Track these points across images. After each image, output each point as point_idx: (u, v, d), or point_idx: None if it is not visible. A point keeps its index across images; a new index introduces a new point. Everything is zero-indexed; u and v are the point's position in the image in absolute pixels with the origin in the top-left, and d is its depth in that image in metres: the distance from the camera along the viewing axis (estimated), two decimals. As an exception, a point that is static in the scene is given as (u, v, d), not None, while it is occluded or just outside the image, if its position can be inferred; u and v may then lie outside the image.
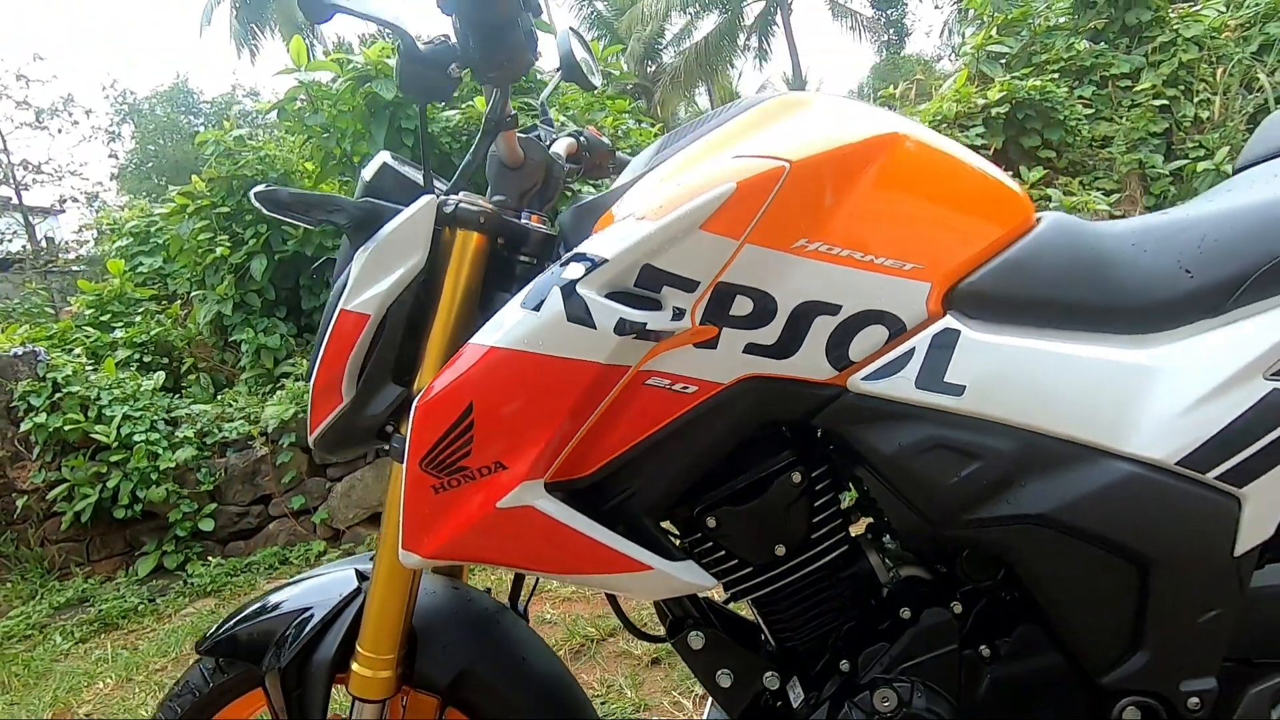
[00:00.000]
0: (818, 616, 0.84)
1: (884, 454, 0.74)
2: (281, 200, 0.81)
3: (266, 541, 3.78)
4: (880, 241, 0.73)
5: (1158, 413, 0.71)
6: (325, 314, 0.85)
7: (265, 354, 4.48)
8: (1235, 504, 0.71)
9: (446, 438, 0.72)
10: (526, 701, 0.90)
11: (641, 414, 0.74)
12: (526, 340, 0.69)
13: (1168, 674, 0.73)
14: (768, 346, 0.73)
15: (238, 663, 0.94)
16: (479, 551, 0.75)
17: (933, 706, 0.76)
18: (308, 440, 0.92)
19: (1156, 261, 0.76)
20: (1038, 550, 0.73)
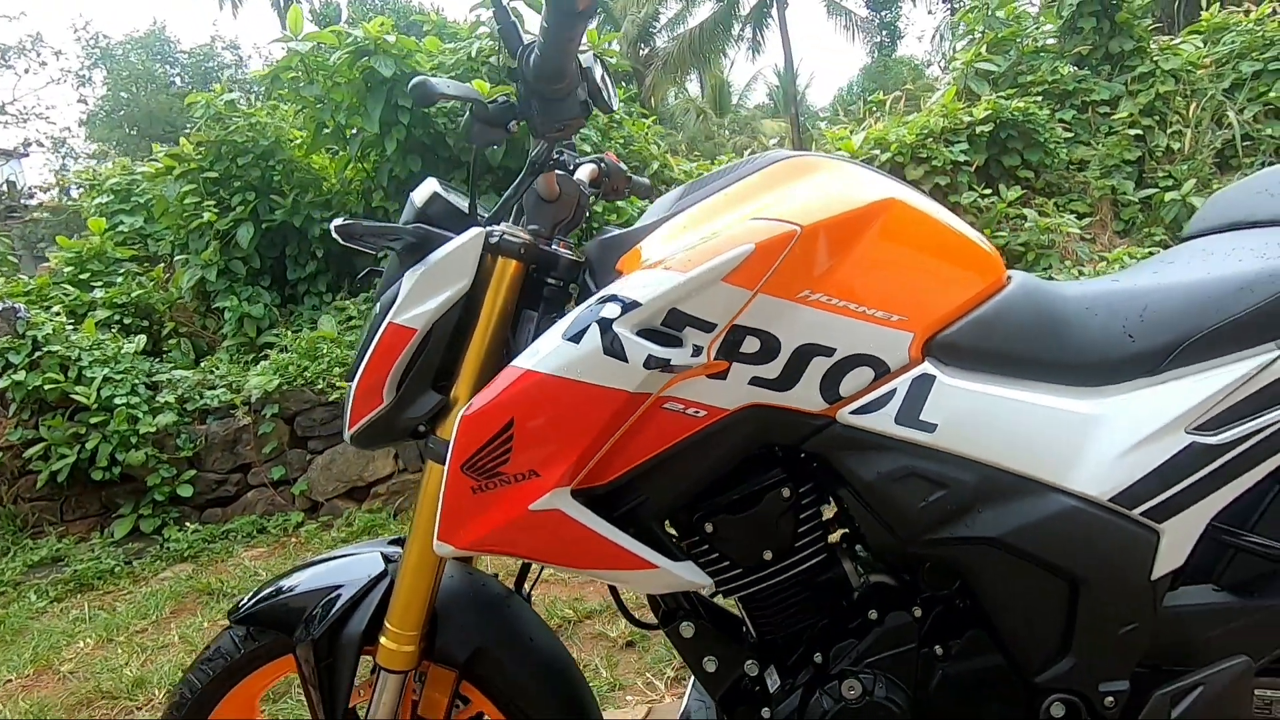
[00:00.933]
0: (796, 614, 0.96)
1: (864, 479, 0.85)
2: (357, 233, 0.89)
3: (244, 510, 3.82)
4: (872, 295, 0.84)
5: (1097, 455, 0.84)
6: (371, 325, 0.94)
7: (248, 323, 4.48)
8: (1155, 536, 0.84)
9: (487, 447, 0.81)
10: (533, 677, 1.01)
11: (657, 433, 0.84)
12: (566, 368, 0.79)
13: (1089, 676, 0.86)
14: (770, 380, 0.84)
15: (268, 632, 1.03)
16: (507, 546, 0.85)
17: (892, 696, 0.88)
18: (344, 434, 1.01)
19: (1105, 325, 0.88)
20: (988, 568, 0.86)
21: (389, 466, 3.86)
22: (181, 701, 1.04)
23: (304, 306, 4.75)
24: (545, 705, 1.00)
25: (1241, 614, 0.89)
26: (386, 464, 3.85)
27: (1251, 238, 0.92)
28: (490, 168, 4.48)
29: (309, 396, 3.83)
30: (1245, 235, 0.94)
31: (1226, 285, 0.85)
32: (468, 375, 0.91)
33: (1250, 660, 0.86)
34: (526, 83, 0.82)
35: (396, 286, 0.91)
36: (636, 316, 0.78)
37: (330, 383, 3.79)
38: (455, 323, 0.90)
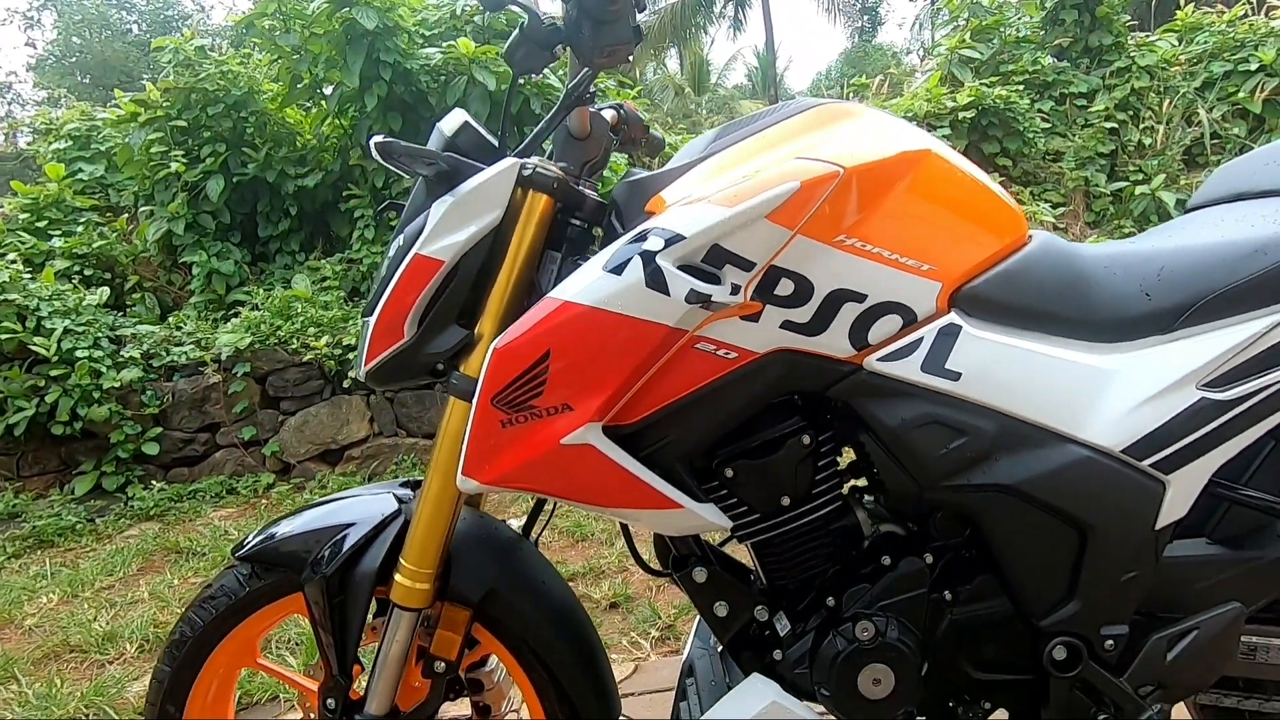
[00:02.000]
0: (809, 560, 0.98)
1: (888, 425, 0.86)
2: (395, 151, 0.86)
3: (212, 470, 3.74)
4: (904, 243, 0.85)
5: (1111, 408, 0.87)
6: (394, 257, 0.91)
7: (217, 279, 4.35)
8: (1161, 487, 0.87)
9: (520, 379, 0.80)
10: (545, 619, 1.01)
11: (687, 373, 0.84)
12: (607, 300, 0.78)
13: (1092, 620, 0.90)
14: (801, 324, 0.84)
15: (275, 570, 1.01)
16: (533, 482, 0.84)
17: (904, 638, 0.91)
18: (358, 371, 0.99)
19: (1123, 283, 0.90)
20: (1002, 514, 0.88)
21: (363, 429, 3.81)
22: (181, 640, 1.02)
23: (275, 265, 4.62)
24: (556, 647, 1.01)
25: (1233, 565, 0.93)
26: (361, 427, 3.80)
27: (1261, 206, 0.95)
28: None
29: (282, 356, 3.75)
30: (1254, 204, 0.97)
31: (1240, 248, 0.88)
32: (493, 311, 0.89)
33: (1242, 607, 0.91)
34: (580, 3, 0.80)
35: (424, 217, 0.88)
36: (680, 250, 0.78)
37: (305, 343, 3.71)
38: (484, 257, 0.88)
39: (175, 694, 1.03)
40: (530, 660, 1.03)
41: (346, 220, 4.62)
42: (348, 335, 3.69)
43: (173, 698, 1.03)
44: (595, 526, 2.74)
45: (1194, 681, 0.92)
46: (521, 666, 1.03)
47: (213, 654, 1.03)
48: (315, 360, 3.69)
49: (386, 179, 4.46)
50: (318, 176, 4.52)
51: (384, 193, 4.48)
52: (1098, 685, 0.91)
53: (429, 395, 3.83)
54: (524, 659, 1.03)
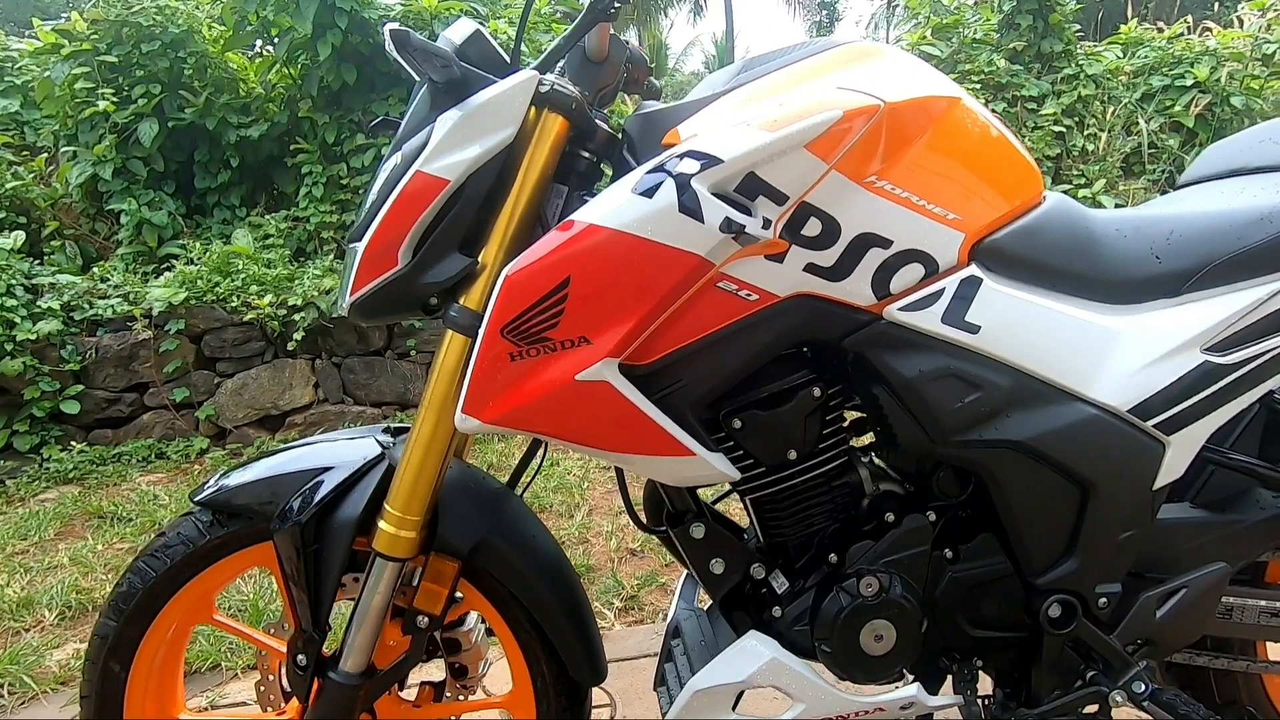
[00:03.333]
0: (810, 517, 0.96)
1: (905, 377, 0.85)
2: (410, 43, 0.78)
3: (139, 433, 3.50)
4: (932, 190, 0.82)
5: (1119, 368, 0.87)
6: (389, 176, 0.84)
7: (148, 230, 4.06)
8: (1161, 448, 0.88)
9: (535, 308, 0.75)
10: (534, 573, 0.96)
11: (706, 313, 0.80)
12: (636, 224, 0.73)
13: (1088, 578, 0.91)
14: (824, 268, 0.81)
15: (239, 518, 0.92)
16: (538, 421, 0.79)
17: (906, 594, 0.90)
18: (340, 303, 0.91)
19: (1133, 246, 0.91)
20: (1010, 470, 0.88)
21: (307, 395, 3.63)
22: (130, 592, 0.93)
23: (213, 219, 4.35)
24: (546, 603, 0.96)
25: (1218, 527, 0.96)
26: (304, 393, 3.63)
27: (1259, 180, 0.97)
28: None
29: (220, 314, 3.53)
30: (1252, 178, 0.99)
31: (1246, 215, 0.90)
32: (499, 238, 0.83)
33: (1228, 567, 0.93)
34: None
35: (427, 131, 0.81)
36: (716, 175, 0.74)
37: (246, 301, 3.50)
38: (493, 179, 0.81)
39: (120, 651, 0.94)
40: (517, 617, 0.98)
41: (292, 176, 4.38)
42: (293, 295, 3.50)
43: (117, 654, 0.93)
44: (554, 498, 2.68)
45: (1179, 639, 0.95)
46: (507, 623, 0.98)
47: (165, 608, 0.94)
48: (257, 320, 3.49)
49: (338, 135, 4.25)
50: (263, 127, 4.26)
51: (335, 149, 4.26)
52: (1089, 642, 0.92)
53: (378, 362, 3.68)
54: (510, 616, 0.98)
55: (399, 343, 3.70)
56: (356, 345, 3.67)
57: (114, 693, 0.94)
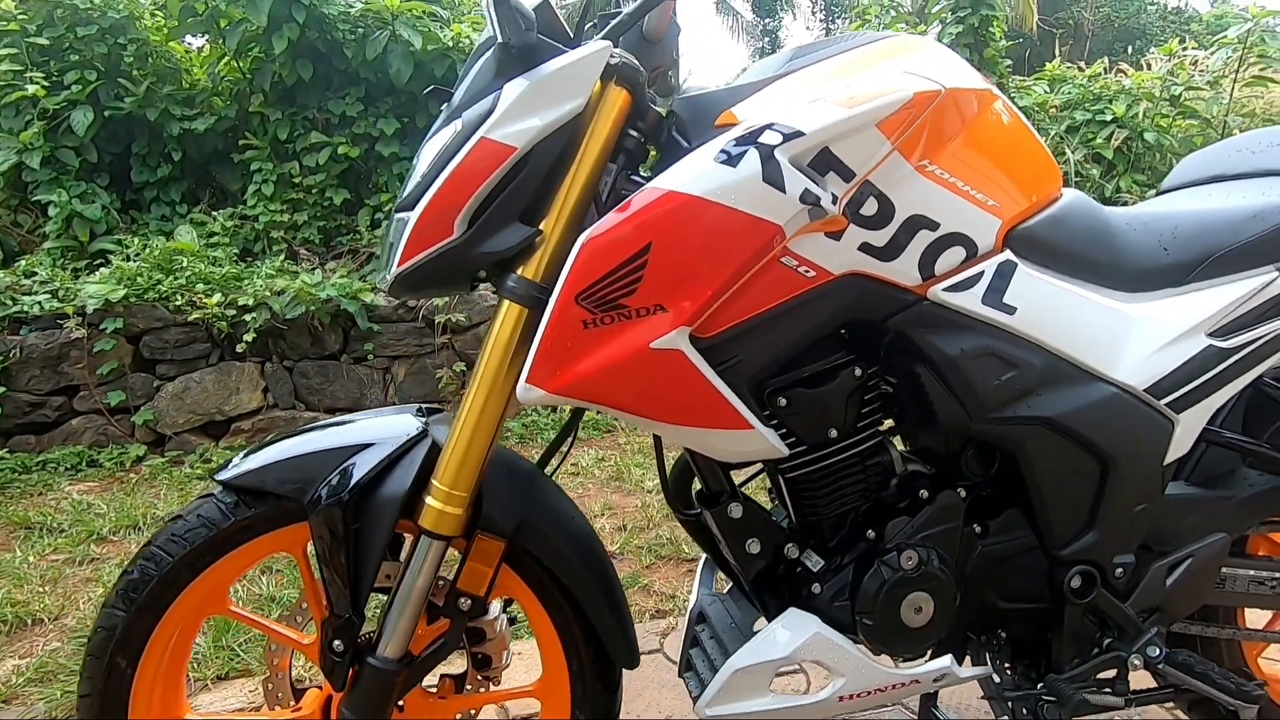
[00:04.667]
0: (845, 496, 0.98)
1: (948, 355, 0.88)
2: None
3: (67, 439, 3.25)
4: (975, 177, 0.87)
5: (1135, 351, 0.93)
6: (448, 143, 0.82)
7: (79, 224, 3.81)
8: (1171, 425, 0.95)
9: (614, 274, 0.74)
10: (571, 552, 0.94)
11: (769, 287, 0.82)
12: (719, 192, 0.74)
13: (1107, 550, 0.96)
14: (877, 248, 0.84)
15: (266, 499, 0.88)
16: (603, 392, 0.78)
17: (943, 567, 0.93)
18: (383, 277, 0.88)
19: (1143, 239, 0.98)
20: (1039, 446, 0.92)
21: (255, 400, 3.46)
22: (142, 580, 0.86)
23: (150, 215, 4.12)
24: (586, 583, 0.95)
25: (1214, 502, 1.03)
26: (253, 397, 3.45)
27: (1241, 184, 1.07)
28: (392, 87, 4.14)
29: (162, 314, 3.33)
30: (1235, 184, 1.08)
31: (1240, 213, 0.98)
32: (564, 208, 0.82)
33: (1228, 537, 1.01)
34: None
35: (492, 99, 0.80)
36: (796, 147, 0.75)
37: (191, 300, 3.32)
38: (560, 149, 0.81)
39: (129, 644, 0.87)
40: (555, 599, 0.96)
41: (239, 173, 4.20)
42: (244, 295, 3.34)
43: (125, 648, 0.87)
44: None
45: (1185, 606, 1.01)
46: (544, 606, 0.97)
47: (180, 597, 0.88)
48: (203, 320, 3.31)
49: (291, 132, 4.11)
50: (209, 121, 4.08)
51: (287, 146, 4.12)
52: (1107, 611, 0.97)
53: (333, 366, 3.55)
54: (548, 598, 0.96)
55: (355, 346, 3.57)
56: (310, 348, 3.53)
57: (119, 691, 0.87)
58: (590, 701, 0.99)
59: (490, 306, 3.69)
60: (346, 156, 4.04)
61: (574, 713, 0.99)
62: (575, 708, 0.99)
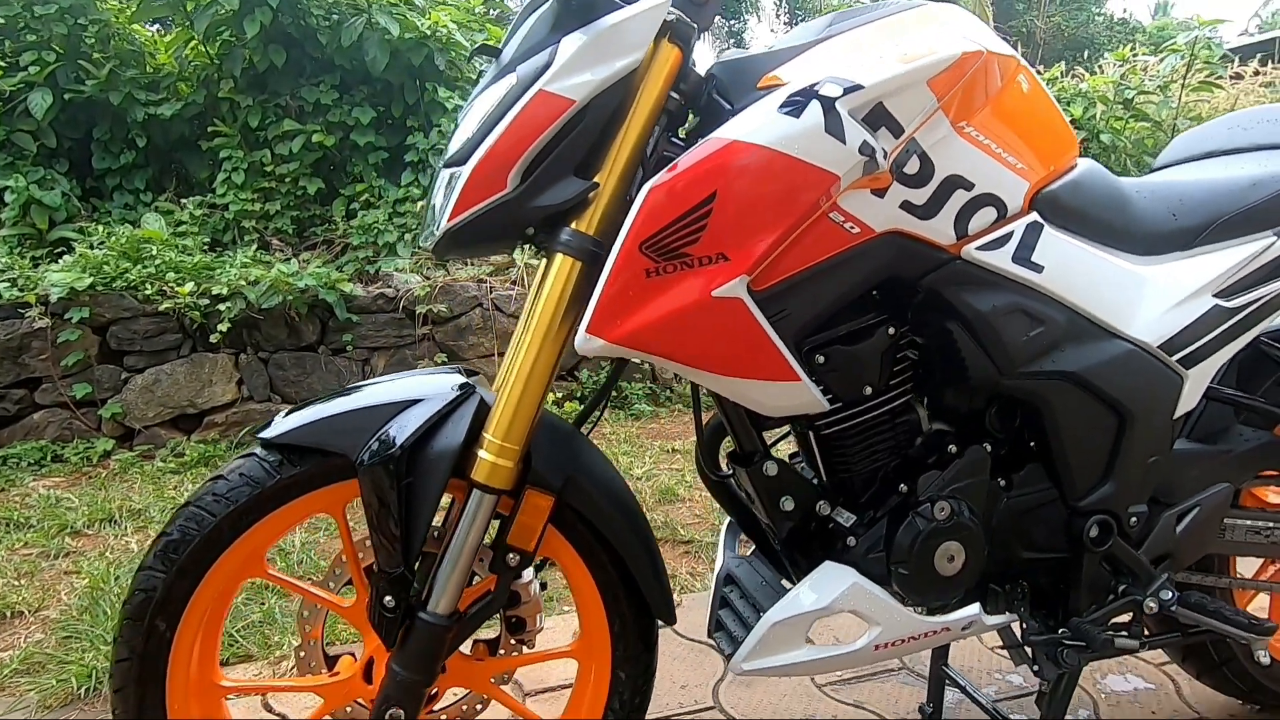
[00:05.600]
0: (876, 452, 1.01)
1: (979, 311, 0.92)
2: None
3: (28, 433, 3.12)
4: (1006, 139, 0.91)
5: (1149, 310, 0.99)
6: (503, 97, 0.82)
7: (37, 211, 3.65)
8: (1181, 380, 1.00)
9: (678, 223, 0.76)
10: (614, 509, 0.95)
11: (816, 242, 0.84)
12: (784, 141, 0.76)
13: (1122, 500, 1.01)
14: (917, 206, 0.87)
15: (311, 457, 0.87)
16: (662, 342, 0.80)
17: (973, 518, 0.97)
18: (429, 234, 0.88)
19: (1152, 205, 1.03)
20: (1062, 401, 0.97)
21: (229, 393, 3.37)
22: (183, 540, 0.84)
23: (113, 204, 3.98)
24: (628, 540, 0.96)
25: (1215, 456, 1.09)
26: (226, 390, 3.36)
27: (1236, 159, 1.13)
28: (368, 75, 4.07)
29: (130, 303, 3.22)
30: (1230, 158, 1.15)
31: (1242, 182, 1.04)
32: (616, 163, 0.83)
33: (1231, 486, 1.07)
34: None
35: (549, 53, 0.81)
36: (855, 100, 0.78)
37: (161, 289, 3.22)
38: (616, 103, 0.82)
39: (169, 606, 0.85)
40: (598, 556, 0.97)
41: (207, 161, 4.09)
42: (217, 284, 3.25)
43: (165, 610, 0.85)
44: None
45: (1193, 552, 1.07)
46: (587, 564, 0.97)
47: (222, 558, 0.86)
48: (175, 310, 3.21)
49: (263, 119, 4.01)
50: (175, 107, 3.96)
51: (258, 134, 4.02)
52: (1122, 558, 1.02)
53: (310, 357, 3.47)
54: (591, 556, 0.97)
55: (333, 338, 3.51)
56: (287, 340, 3.45)
57: (158, 653, 0.85)
58: (631, 660, 1.00)
59: (471, 298, 3.66)
60: (321, 145, 3.96)
61: (615, 672, 1.00)
62: (616, 666, 1.00)
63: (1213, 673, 1.31)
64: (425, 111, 4.14)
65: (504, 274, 3.86)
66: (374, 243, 3.87)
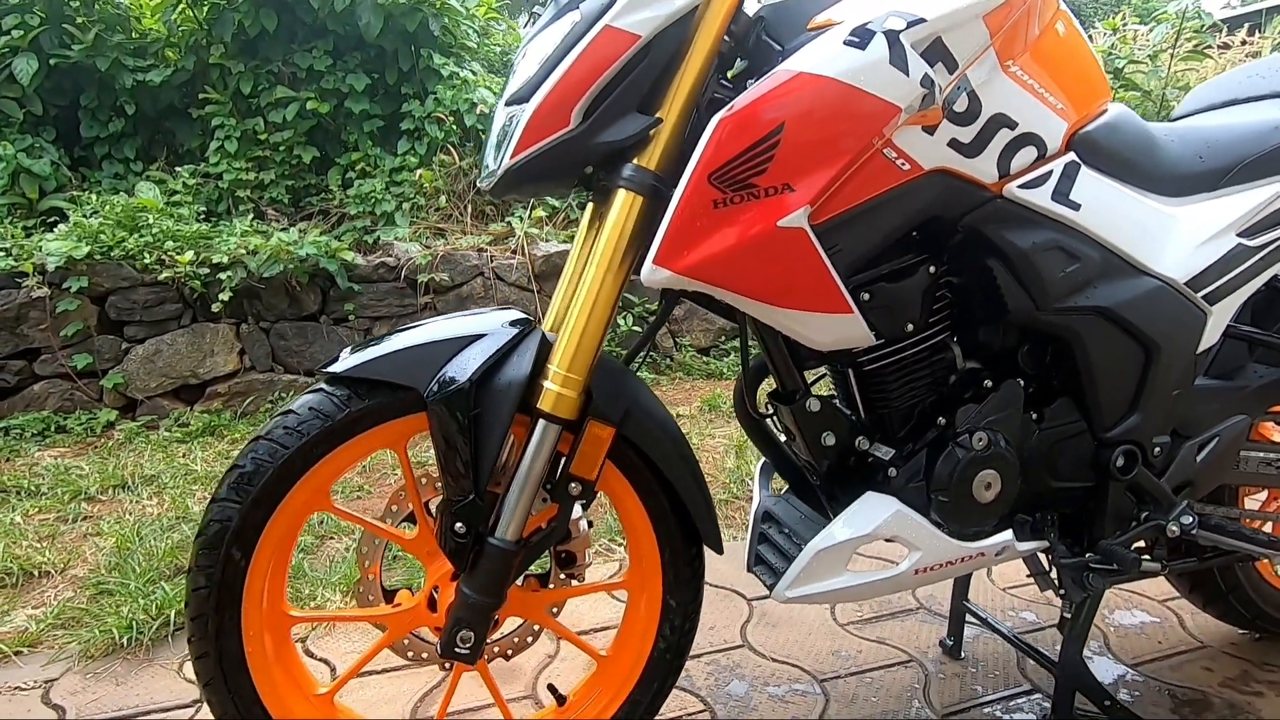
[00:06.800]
0: (915, 388, 1.05)
1: (1019, 248, 0.95)
2: None
3: (29, 404, 3.10)
4: (1048, 80, 0.94)
5: (1177, 248, 1.03)
6: (568, 37, 0.84)
7: (27, 180, 3.58)
8: (1205, 316, 1.05)
9: (747, 153, 0.78)
10: (665, 440, 0.98)
11: (869, 179, 0.87)
12: (850, 73, 0.78)
13: (1147, 431, 1.06)
14: (963, 144, 0.90)
15: (380, 390, 0.89)
16: (727, 272, 0.82)
17: (1009, 449, 1.01)
18: (490, 171, 0.89)
19: (1180, 149, 1.07)
20: (1093, 335, 1.01)
21: (231, 363, 3.36)
22: (256, 472, 0.87)
23: (102, 173, 3.90)
24: (679, 470, 0.99)
25: (1231, 391, 1.14)
26: (228, 360, 3.35)
27: (1257, 105, 1.17)
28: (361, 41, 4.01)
29: (129, 273, 3.18)
30: (1249, 106, 1.19)
31: (1265, 126, 1.08)
32: (677, 99, 0.85)
33: (1248, 418, 1.12)
34: None
35: None
36: (918, 33, 0.80)
37: (160, 258, 3.18)
38: (679, 39, 0.84)
39: (244, 535, 0.87)
40: (652, 488, 1.00)
41: (198, 129, 4.02)
42: (217, 253, 3.22)
43: (240, 539, 0.87)
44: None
45: (1211, 481, 1.13)
46: (640, 496, 1.01)
47: (293, 489, 0.89)
48: (174, 280, 3.18)
49: (255, 86, 3.94)
50: (164, 73, 3.87)
51: (251, 101, 3.95)
52: (1145, 486, 1.08)
53: (312, 327, 3.46)
54: (644, 487, 1.00)
55: (335, 307, 3.49)
56: (288, 309, 3.44)
57: (234, 582, 0.87)
58: (681, 587, 1.04)
59: (472, 266, 3.66)
60: (315, 113, 3.91)
61: (666, 599, 1.04)
62: (667, 593, 1.04)
63: (1218, 602, 1.38)
64: (420, 79, 4.09)
65: (504, 243, 3.86)
66: (371, 212, 3.84)
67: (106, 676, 1.38)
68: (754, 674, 1.37)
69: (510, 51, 4.84)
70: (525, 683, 1.35)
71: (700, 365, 3.89)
